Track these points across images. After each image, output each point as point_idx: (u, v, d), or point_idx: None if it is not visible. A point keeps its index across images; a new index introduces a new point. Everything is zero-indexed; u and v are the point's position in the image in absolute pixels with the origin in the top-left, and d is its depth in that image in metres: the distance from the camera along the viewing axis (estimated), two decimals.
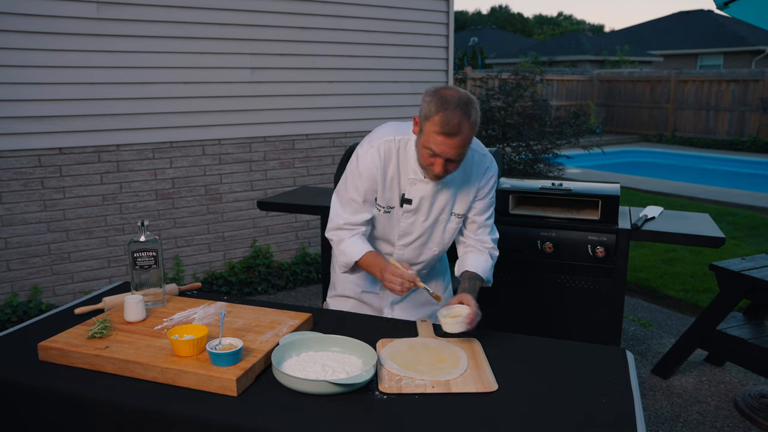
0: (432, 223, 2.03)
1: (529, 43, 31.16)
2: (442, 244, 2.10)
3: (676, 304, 4.57)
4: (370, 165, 1.94)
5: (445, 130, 1.74)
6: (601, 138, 12.60)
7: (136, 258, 1.92)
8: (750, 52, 22.58)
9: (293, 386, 1.47)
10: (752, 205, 7.69)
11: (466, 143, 1.79)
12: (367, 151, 1.95)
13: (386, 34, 5.12)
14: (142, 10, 4.04)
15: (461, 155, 1.81)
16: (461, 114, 1.74)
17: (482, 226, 2.09)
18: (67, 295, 4.10)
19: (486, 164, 2.03)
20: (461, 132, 1.75)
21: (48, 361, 1.63)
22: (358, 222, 2.00)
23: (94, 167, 4.07)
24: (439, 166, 1.81)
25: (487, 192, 2.05)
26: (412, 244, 2.07)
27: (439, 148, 1.77)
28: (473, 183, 2.01)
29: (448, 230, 2.07)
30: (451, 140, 1.75)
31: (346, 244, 2.00)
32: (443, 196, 1.99)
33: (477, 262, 2.05)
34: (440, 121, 1.73)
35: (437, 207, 2.01)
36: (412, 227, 2.03)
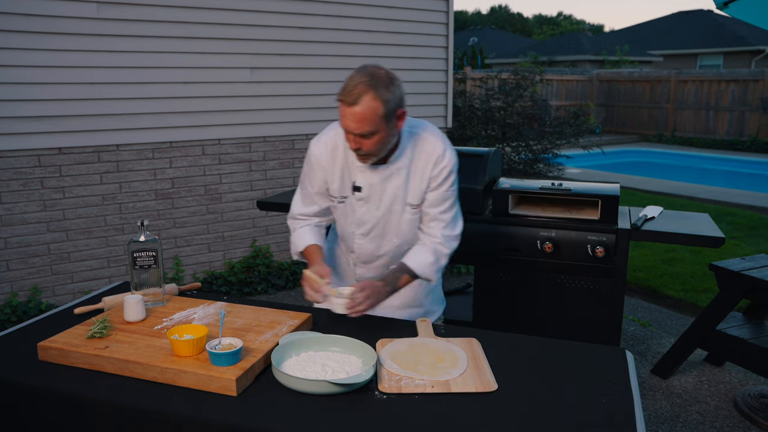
0: (385, 212, 2.00)
1: (528, 43, 31.16)
2: (401, 235, 2.04)
3: (676, 304, 4.57)
4: (319, 156, 1.99)
5: (342, 96, 1.72)
6: (600, 138, 12.60)
7: (136, 258, 1.92)
8: (750, 52, 22.58)
9: (293, 386, 1.47)
10: (752, 205, 7.69)
11: (367, 118, 1.72)
12: (316, 144, 2.01)
13: (386, 34, 5.12)
14: (142, 10, 4.04)
15: (367, 131, 1.75)
16: (365, 85, 1.71)
17: (434, 219, 2.01)
18: (67, 295, 4.09)
19: (439, 152, 1.95)
20: (360, 102, 1.71)
21: (48, 361, 1.63)
22: (310, 213, 2.09)
23: (94, 167, 4.07)
24: (351, 141, 1.79)
25: (440, 183, 1.96)
26: (370, 235, 2.05)
27: (343, 120, 1.75)
28: (425, 172, 1.95)
29: (404, 221, 2.02)
30: (350, 110, 1.72)
31: (295, 235, 2.11)
32: (393, 184, 1.96)
33: (413, 254, 2.00)
34: (342, 92, 1.73)
35: (388, 195, 1.97)
36: (366, 216, 2.02)
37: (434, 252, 2.00)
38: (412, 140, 1.96)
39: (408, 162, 1.95)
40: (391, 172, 1.94)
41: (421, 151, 1.95)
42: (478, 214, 3.04)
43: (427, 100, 5.51)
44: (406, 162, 1.95)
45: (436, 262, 2.01)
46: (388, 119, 1.78)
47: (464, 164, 3.19)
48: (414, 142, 1.96)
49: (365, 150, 1.81)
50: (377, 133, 1.78)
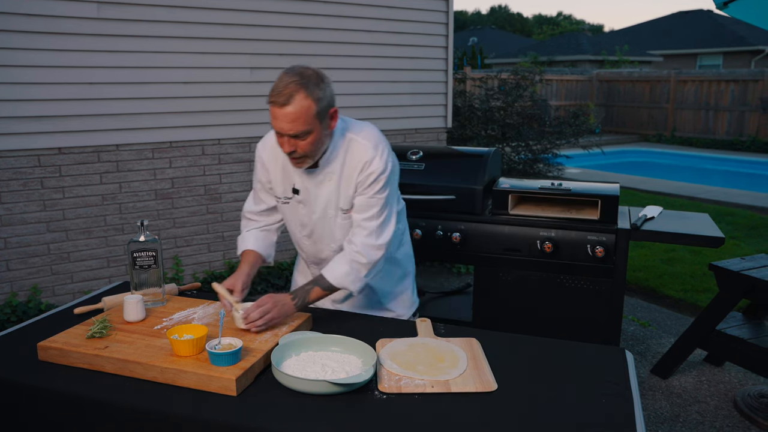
0: (320, 217, 1.99)
1: (528, 43, 31.16)
2: (337, 240, 2.01)
3: (676, 304, 4.57)
4: (263, 157, 2.02)
5: (275, 99, 1.70)
6: (600, 138, 12.60)
7: (136, 258, 1.92)
8: (749, 52, 22.59)
9: (293, 386, 1.47)
10: (752, 205, 7.69)
11: (300, 117, 1.70)
12: (262, 145, 2.04)
13: (386, 34, 5.12)
14: (142, 10, 4.04)
15: (301, 131, 1.72)
16: (294, 84, 1.69)
17: (357, 225, 1.93)
18: (67, 295, 4.09)
19: (367, 157, 1.86)
20: (292, 102, 1.69)
21: (47, 361, 1.63)
22: (257, 211, 2.13)
23: (94, 167, 4.07)
24: (285, 144, 1.76)
25: (365, 188, 1.89)
26: (312, 236, 2.06)
27: (275, 122, 1.73)
28: (352, 176, 1.89)
29: (338, 226, 1.98)
30: (281, 110, 1.70)
31: (240, 237, 2.17)
32: (325, 188, 1.93)
33: (330, 264, 1.94)
34: (273, 90, 1.71)
35: (322, 200, 1.96)
36: (305, 218, 2.02)
37: (350, 262, 1.91)
38: (345, 143, 1.90)
39: (340, 166, 1.90)
40: (323, 176, 1.92)
41: (352, 155, 1.89)
42: (478, 214, 3.04)
43: (427, 100, 5.51)
44: (338, 166, 1.90)
45: (352, 272, 1.91)
46: (321, 118, 1.76)
47: (464, 164, 3.20)
48: (347, 145, 1.90)
49: (300, 152, 1.78)
50: (311, 132, 1.75)
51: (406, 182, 3.14)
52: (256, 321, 1.73)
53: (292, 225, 2.09)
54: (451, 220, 3.07)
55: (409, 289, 2.27)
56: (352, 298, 2.16)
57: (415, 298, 2.32)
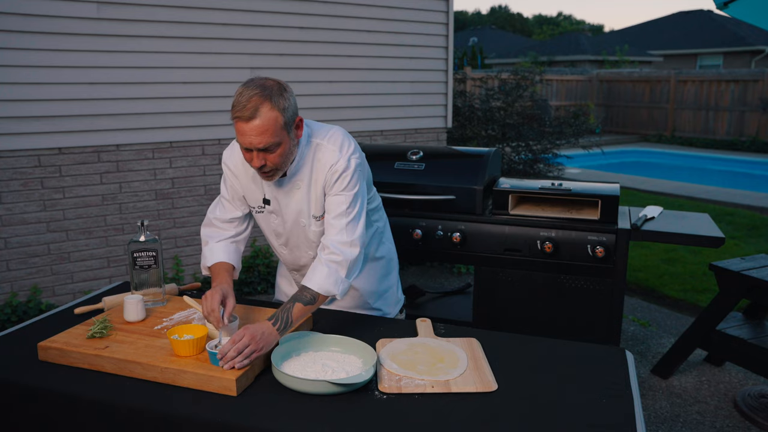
0: (292, 225, 1.97)
1: (528, 43, 31.17)
2: (314, 247, 2.00)
3: (676, 304, 4.57)
4: (231, 166, 1.97)
5: (240, 114, 1.65)
6: (600, 138, 12.60)
7: (136, 258, 1.92)
8: (749, 52, 22.59)
9: (293, 386, 1.47)
10: (752, 205, 7.69)
11: (268, 129, 1.66)
12: (230, 154, 1.98)
13: (386, 34, 5.12)
14: (141, 10, 4.04)
15: (270, 143, 1.68)
16: (257, 97, 1.65)
17: (329, 225, 1.88)
18: (67, 295, 4.09)
19: (332, 160, 1.85)
20: (258, 116, 1.65)
21: (48, 361, 1.63)
22: (226, 218, 2.02)
23: (94, 167, 4.07)
24: (255, 159, 1.71)
25: (331, 187, 1.87)
26: (288, 245, 2.04)
27: (244, 138, 1.68)
28: (320, 181, 1.88)
29: (313, 233, 1.97)
30: (248, 125, 1.65)
31: (208, 248, 2.02)
32: (295, 196, 1.92)
33: (309, 274, 1.83)
34: (236, 106, 1.66)
35: (293, 209, 1.94)
36: (280, 228, 2.01)
37: (327, 264, 1.83)
38: (312, 150, 1.89)
39: (307, 173, 1.89)
40: (292, 185, 1.90)
41: (319, 161, 1.87)
42: (478, 214, 3.04)
43: (427, 100, 5.51)
44: (306, 173, 1.89)
45: (331, 274, 1.81)
46: (288, 129, 1.73)
47: (464, 164, 3.20)
48: (312, 151, 1.88)
49: (270, 165, 1.74)
50: (280, 144, 1.72)
51: (407, 182, 3.14)
52: (234, 359, 1.52)
53: (268, 234, 2.08)
54: (452, 220, 3.07)
55: (393, 286, 2.26)
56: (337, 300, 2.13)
57: (400, 295, 2.32)
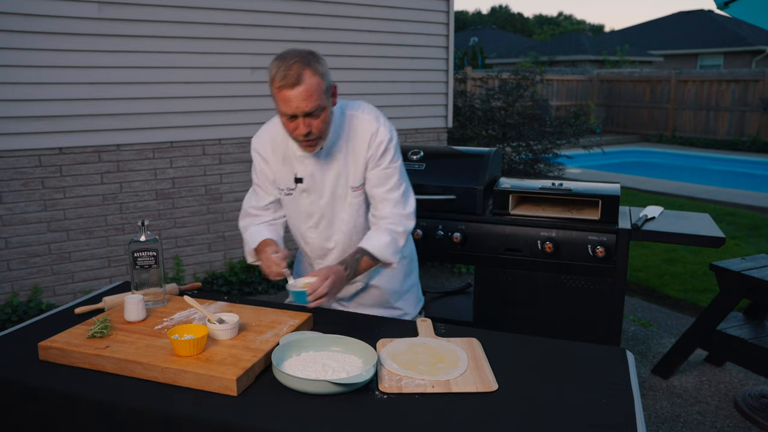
0: (329, 200, 1.98)
1: (529, 43, 31.16)
2: (349, 221, 2.00)
3: (676, 304, 4.57)
4: (260, 150, 2.02)
5: (286, 82, 1.71)
6: (601, 138, 12.59)
7: (137, 258, 1.92)
8: (750, 52, 22.58)
9: (293, 386, 1.47)
10: (752, 205, 7.69)
11: (314, 92, 1.73)
12: (257, 138, 2.04)
13: (386, 34, 5.12)
14: (142, 10, 4.04)
15: (316, 107, 1.74)
16: (299, 64, 1.73)
17: (382, 200, 1.96)
18: (68, 294, 4.10)
19: (372, 129, 1.91)
20: (303, 81, 1.71)
21: (48, 361, 1.63)
22: (261, 206, 2.08)
23: (95, 167, 4.08)
24: (301, 126, 1.75)
25: (377, 160, 1.92)
26: (319, 225, 2.03)
27: (290, 105, 1.73)
28: (359, 151, 1.92)
29: (350, 206, 1.98)
30: (294, 91, 1.71)
31: (247, 234, 2.07)
32: (332, 169, 1.94)
33: (368, 238, 1.95)
34: (280, 76, 1.72)
35: (329, 182, 1.95)
36: (312, 207, 2.00)
37: (389, 232, 1.95)
38: (345, 121, 1.93)
39: (344, 144, 1.92)
40: (329, 157, 1.93)
41: (356, 131, 1.92)
42: (479, 214, 3.04)
43: (428, 100, 5.52)
44: (342, 144, 1.92)
45: (393, 242, 1.94)
46: (328, 94, 1.79)
47: (464, 164, 3.20)
48: (348, 122, 1.93)
49: (315, 132, 1.78)
50: (324, 108, 1.77)
51: None
52: (323, 297, 1.72)
53: (296, 218, 2.06)
54: (452, 220, 3.07)
55: (415, 286, 2.27)
56: (359, 297, 2.14)
57: (421, 295, 2.32)
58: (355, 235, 2.03)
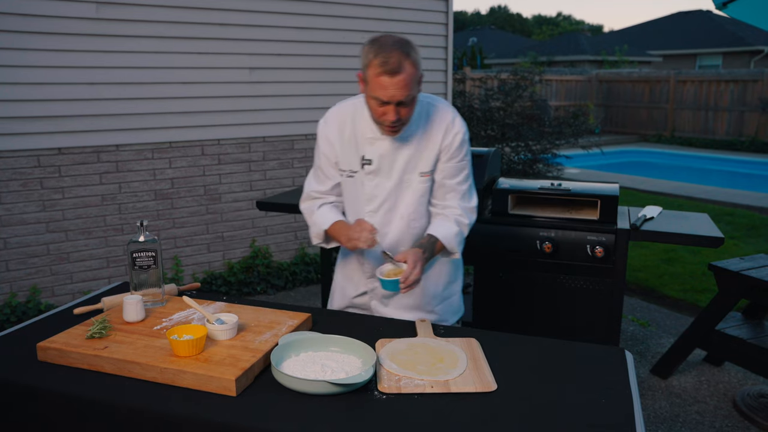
0: (396, 183, 1.98)
1: (528, 44, 31.18)
2: (411, 206, 2.01)
3: (675, 304, 4.57)
4: (326, 131, 2.02)
5: (386, 69, 1.73)
6: (600, 138, 12.60)
7: (135, 258, 1.92)
8: (749, 52, 22.60)
9: (292, 386, 1.47)
10: (751, 205, 7.70)
11: (410, 82, 1.76)
12: (324, 121, 2.04)
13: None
14: (140, 10, 4.04)
15: (409, 96, 1.78)
16: (399, 52, 1.75)
17: (451, 190, 2.01)
18: (66, 295, 4.09)
19: (448, 119, 1.96)
20: (403, 70, 1.74)
21: (47, 362, 1.63)
22: (325, 189, 2.07)
23: (94, 167, 4.07)
24: (391, 113, 1.79)
25: (453, 153, 1.97)
26: (380, 210, 2.02)
27: (386, 92, 1.75)
28: (434, 138, 1.95)
29: (415, 191, 2.00)
30: (394, 79, 1.74)
31: (316, 215, 2.06)
32: (404, 153, 1.95)
33: (436, 226, 1.98)
34: (380, 62, 1.74)
35: (399, 166, 1.97)
36: (377, 190, 2.00)
37: (456, 222, 2.00)
38: (423, 108, 1.97)
39: (419, 129, 1.96)
40: (403, 140, 1.95)
41: (432, 119, 1.96)
42: (478, 215, 3.03)
43: None
44: (418, 129, 1.95)
45: (460, 233, 2.00)
46: (419, 83, 1.83)
47: None
48: (425, 109, 1.97)
49: (403, 119, 1.82)
50: (414, 98, 1.82)
51: None
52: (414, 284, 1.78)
53: (356, 202, 2.04)
54: None
55: (457, 295, 2.24)
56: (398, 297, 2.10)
57: (461, 306, 2.28)
58: (413, 222, 2.03)
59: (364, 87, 1.84)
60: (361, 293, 2.16)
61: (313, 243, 2.08)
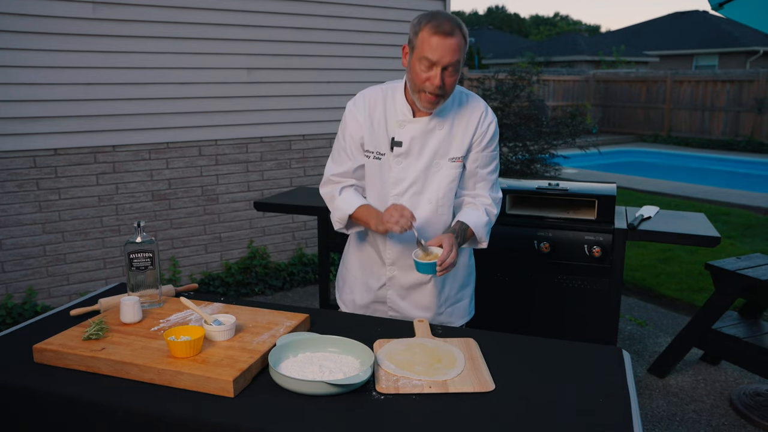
0: (426, 166, 1.98)
1: (525, 44, 31.21)
2: (439, 191, 2.00)
3: (672, 303, 4.58)
4: (355, 112, 2.01)
5: (439, 30, 1.78)
6: (597, 138, 12.63)
7: (132, 259, 1.91)
8: (744, 52, 22.68)
9: (290, 387, 1.46)
10: (747, 204, 7.72)
11: (459, 48, 1.81)
12: (353, 101, 2.04)
13: (382, 34, 5.12)
14: (137, 10, 4.04)
15: (456, 62, 1.82)
16: (452, 22, 1.81)
17: (482, 180, 2.05)
18: (63, 296, 4.08)
19: (481, 108, 2.01)
20: (455, 34, 1.79)
21: (43, 363, 1.62)
22: (344, 171, 2.05)
23: (90, 168, 4.07)
24: (437, 77, 1.81)
25: (487, 143, 2.01)
26: (407, 193, 2.00)
27: (436, 53, 1.79)
28: (469, 125, 1.98)
29: (445, 176, 1.99)
30: (446, 40, 1.78)
31: (339, 200, 2.03)
32: (436, 136, 1.97)
33: (466, 214, 2.00)
34: (433, 25, 1.79)
35: (430, 148, 1.97)
36: (404, 173, 1.99)
37: (486, 212, 2.03)
38: (457, 94, 2.01)
39: (452, 115, 1.98)
40: (434, 124, 1.96)
41: (464, 107, 1.99)
42: None
43: None
44: (450, 115, 1.98)
45: (489, 222, 2.03)
46: (464, 59, 1.86)
47: None
48: (459, 96, 2.01)
49: (447, 87, 1.84)
50: (459, 68, 1.85)
51: None
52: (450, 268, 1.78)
53: (382, 184, 2.02)
54: None
55: (468, 299, 2.23)
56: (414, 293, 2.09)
57: (471, 310, 2.26)
58: (441, 207, 2.02)
59: (407, 59, 1.89)
60: (382, 285, 2.13)
61: (335, 228, 2.07)
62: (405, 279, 2.09)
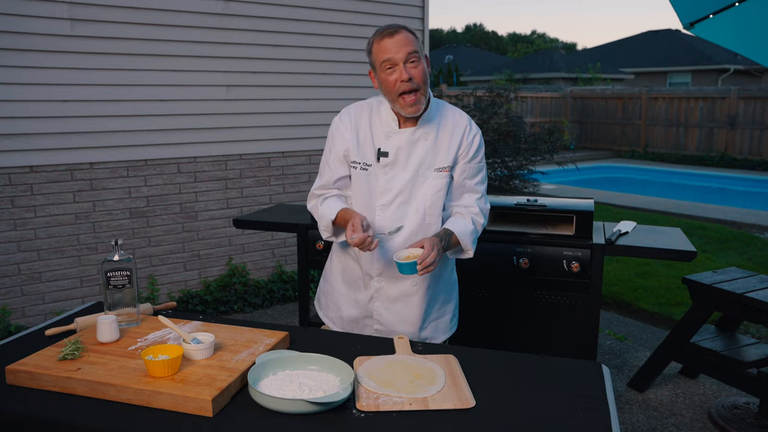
0: (412, 176, 2.01)
1: (503, 61, 31.62)
2: (428, 201, 2.02)
3: (651, 317, 4.63)
4: (340, 126, 2.07)
5: (385, 33, 1.90)
6: (575, 154, 12.78)
7: (110, 277, 1.89)
8: (716, 70, 23.25)
9: (270, 406, 1.45)
10: (723, 219, 7.85)
11: (410, 41, 1.90)
12: (339, 117, 2.10)
13: (360, 52, 5.16)
14: (116, 27, 4.02)
15: (413, 53, 1.89)
16: (395, 24, 1.95)
17: (470, 190, 2.10)
18: (38, 316, 4.01)
19: (465, 121, 2.06)
20: (400, 31, 1.90)
21: (16, 385, 1.59)
22: (325, 182, 2.10)
23: (67, 185, 4.02)
24: (402, 72, 1.88)
25: (473, 154, 2.06)
26: (394, 202, 2.01)
27: (390, 51, 1.89)
28: (454, 136, 2.03)
29: (431, 186, 2.02)
30: (394, 38, 1.89)
31: (321, 209, 2.07)
32: (421, 146, 2.01)
33: (453, 222, 2.04)
34: (379, 33, 1.92)
35: (416, 158, 2.01)
36: (391, 183, 2.01)
37: (473, 221, 2.07)
38: (440, 107, 2.07)
39: (437, 126, 2.03)
40: (419, 135, 2.01)
41: (448, 119, 2.05)
42: None
43: None
44: (435, 126, 2.02)
45: (475, 231, 2.06)
46: (421, 52, 1.93)
47: None
48: (441, 110, 2.07)
49: (416, 80, 1.89)
50: (420, 59, 1.92)
51: None
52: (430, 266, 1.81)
53: (368, 195, 2.03)
54: None
55: (450, 314, 2.23)
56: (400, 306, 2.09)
57: (453, 326, 2.26)
58: (428, 217, 2.04)
59: (375, 80, 1.98)
60: (370, 298, 2.13)
61: (324, 237, 2.09)
62: (392, 290, 2.10)
